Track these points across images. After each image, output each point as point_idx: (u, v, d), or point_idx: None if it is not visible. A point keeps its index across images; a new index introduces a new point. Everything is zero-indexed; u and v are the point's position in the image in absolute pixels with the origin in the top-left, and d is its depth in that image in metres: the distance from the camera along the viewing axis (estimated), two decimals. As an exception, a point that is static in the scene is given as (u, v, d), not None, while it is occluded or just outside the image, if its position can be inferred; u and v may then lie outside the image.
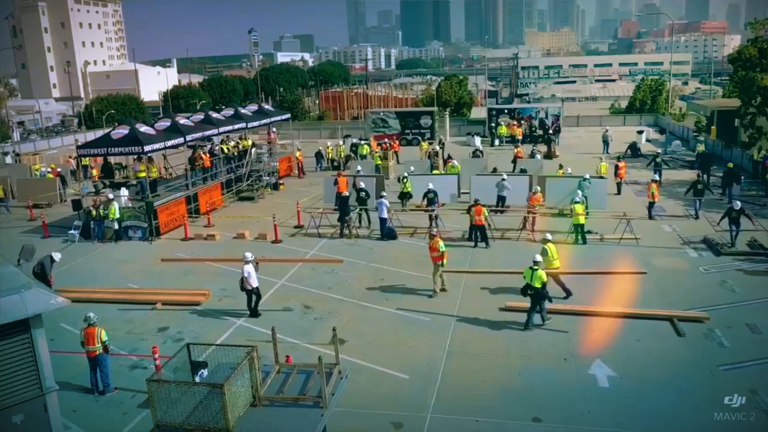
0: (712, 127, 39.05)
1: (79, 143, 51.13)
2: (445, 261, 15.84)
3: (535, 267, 13.60)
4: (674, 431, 9.96)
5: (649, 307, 14.60)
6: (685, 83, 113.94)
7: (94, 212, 22.41)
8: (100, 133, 61.80)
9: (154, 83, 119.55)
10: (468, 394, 11.21)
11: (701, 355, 12.34)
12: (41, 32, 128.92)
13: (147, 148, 22.07)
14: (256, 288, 14.95)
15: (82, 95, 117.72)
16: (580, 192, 20.58)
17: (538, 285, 13.42)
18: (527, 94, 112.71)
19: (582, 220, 19.54)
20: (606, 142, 38.45)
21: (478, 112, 58.75)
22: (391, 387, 11.58)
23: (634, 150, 36.65)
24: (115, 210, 21.89)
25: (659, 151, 29.64)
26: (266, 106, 37.53)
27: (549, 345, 13.01)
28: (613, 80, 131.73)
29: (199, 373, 9.03)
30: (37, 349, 7.93)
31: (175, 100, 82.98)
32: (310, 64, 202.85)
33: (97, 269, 19.56)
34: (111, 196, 22.46)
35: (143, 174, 23.33)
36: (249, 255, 14.98)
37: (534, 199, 21.55)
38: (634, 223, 20.41)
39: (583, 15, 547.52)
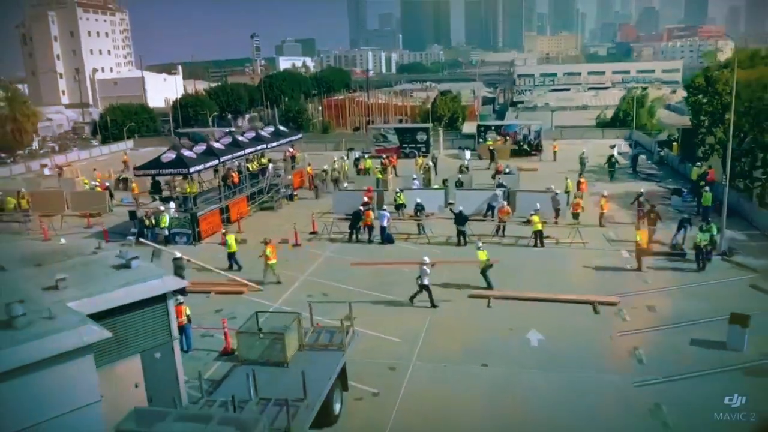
0: (674, 143, 43.97)
1: (106, 153, 55.89)
2: (273, 262, 21.45)
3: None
4: (570, 369, 15.02)
5: (580, 294, 19.66)
6: (674, 91, 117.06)
7: (147, 221, 27.49)
8: (122, 144, 67.13)
9: (161, 90, 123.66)
10: (439, 350, 16.34)
11: (606, 326, 17.48)
12: (51, 40, 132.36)
13: (192, 169, 27.23)
14: (426, 285, 18.81)
15: (91, 102, 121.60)
16: (538, 204, 25.59)
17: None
18: (522, 102, 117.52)
19: (539, 227, 24.57)
20: (583, 164, 39.63)
21: (471, 127, 63.72)
22: (388, 346, 16.73)
23: (612, 165, 40.04)
24: (165, 219, 26.93)
25: (642, 190, 30.29)
26: (282, 128, 42.53)
27: (500, 320, 18.15)
28: (606, 88, 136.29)
29: (257, 333, 14.14)
30: (169, 311, 12.94)
31: (184, 108, 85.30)
32: (312, 69, 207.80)
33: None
34: (162, 207, 27.54)
35: (189, 190, 28.47)
36: (426, 258, 19.18)
37: (503, 211, 26.49)
38: (585, 230, 25.61)
39: (584, 18, 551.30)
